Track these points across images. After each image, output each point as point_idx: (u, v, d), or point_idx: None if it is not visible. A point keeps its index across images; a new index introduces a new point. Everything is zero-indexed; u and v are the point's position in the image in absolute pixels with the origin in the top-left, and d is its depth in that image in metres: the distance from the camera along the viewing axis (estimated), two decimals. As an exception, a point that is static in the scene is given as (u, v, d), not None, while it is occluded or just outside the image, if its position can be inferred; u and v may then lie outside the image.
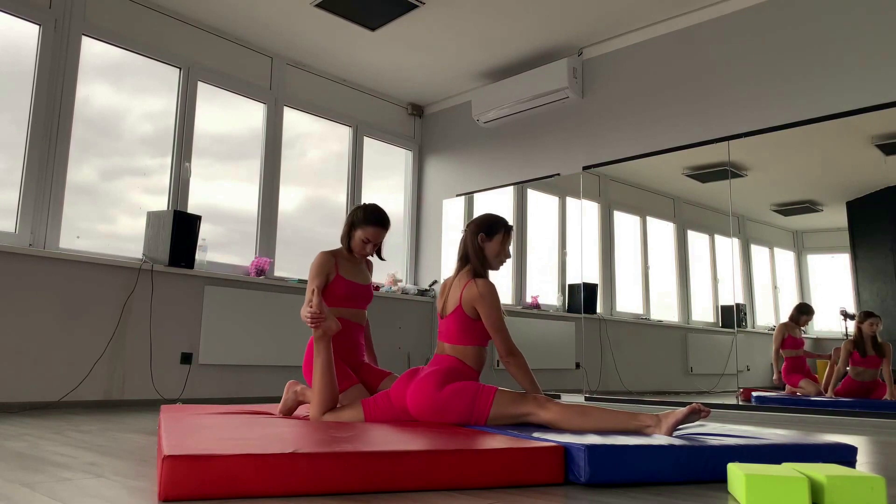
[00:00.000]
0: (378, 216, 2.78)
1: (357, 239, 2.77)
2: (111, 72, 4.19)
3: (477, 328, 2.40)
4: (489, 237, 2.49)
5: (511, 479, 1.64)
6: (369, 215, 2.76)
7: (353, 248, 2.80)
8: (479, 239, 2.48)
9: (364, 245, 2.78)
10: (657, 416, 2.05)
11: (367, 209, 2.78)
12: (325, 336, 2.43)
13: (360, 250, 2.79)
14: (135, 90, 4.29)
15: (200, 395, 4.07)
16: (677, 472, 1.74)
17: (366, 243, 2.77)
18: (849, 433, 3.16)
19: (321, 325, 2.41)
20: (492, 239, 2.49)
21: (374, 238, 2.76)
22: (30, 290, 3.52)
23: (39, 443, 2.21)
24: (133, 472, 1.70)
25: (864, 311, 3.38)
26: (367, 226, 2.75)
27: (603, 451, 1.66)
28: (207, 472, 1.37)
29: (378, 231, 2.77)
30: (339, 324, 2.48)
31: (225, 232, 4.64)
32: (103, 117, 4.15)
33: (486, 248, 2.48)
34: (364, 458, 1.51)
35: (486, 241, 2.48)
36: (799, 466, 1.57)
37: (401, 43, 4.71)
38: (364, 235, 2.75)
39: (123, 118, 4.23)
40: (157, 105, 4.37)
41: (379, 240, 2.79)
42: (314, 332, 2.44)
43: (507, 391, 2.24)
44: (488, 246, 2.48)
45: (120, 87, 4.23)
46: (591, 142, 4.66)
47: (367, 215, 2.76)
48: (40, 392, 3.50)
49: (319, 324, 2.41)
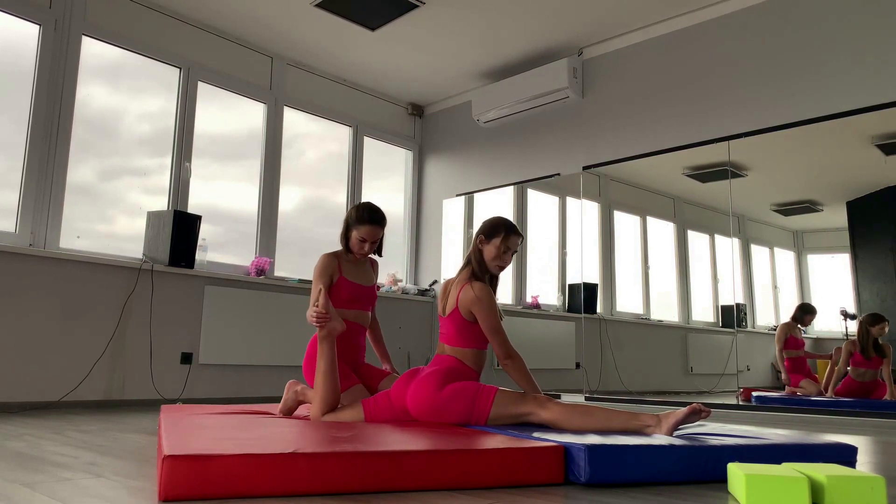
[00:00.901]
0: (371, 215, 2.76)
1: (354, 239, 2.77)
2: (110, 72, 4.19)
3: (475, 331, 2.39)
4: (488, 240, 2.47)
5: (511, 479, 1.64)
6: (363, 214, 2.76)
7: (352, 248, 2.80)
8: (478, 241, 2.48)
9: (361, 244, 2.77)
10: (657, 416, 2.05)
11: (361, 208, 2.78)
12: (330, 336, 2.44)
13: (358, 250, 2.78)
14: (134, 90, 4.29)
15: (200, 395, 4.07)
16: (678, 472, 1.74)
17: (363, 242, 2.76)
18: (849, 433, 3.16)
19: (326, 325, 2.42)
20: (489, 242, 2.46)
21: (369, 236, 2.76)
22: (30, 290, 3.52)
23: (39, 443, 2.21)
24: (133, 472, 1.70)
25: (872, 314, 3.36)
26: (361, 225, 2.75)
27: (603, 450, 1.66)
28: (208, 472, 1.37)
29: (373, 229, 2.76)
30: (344, 325, 2.48)
31: (224, 232, 4.64)
32: (102, 118, 4.15)
33: (483, 250, 2.47)
34: (364, 458, 1.51)
35: (484, 244, 2.47)
36: (799, 466, 1.57)
37: (401, 43, 4.71)
38: (360, 235, 2.75)
39: (122, 118, 4.24)
40: (156, 105, 4.37)
41: (375, 238, 2.78)
42: (318, 332, 2.44)
43: (508, 391, 2.24)
44: (486, 249, 2.46)
45: (118, 88, 4.23)
46: (591, 142, 4.66)
47: (360, 214, 2.76)
48: (40, 392, 3.50)
49: (325, 324, 2.41)
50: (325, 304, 2.42)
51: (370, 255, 2.88)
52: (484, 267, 2.46)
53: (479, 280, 2.41)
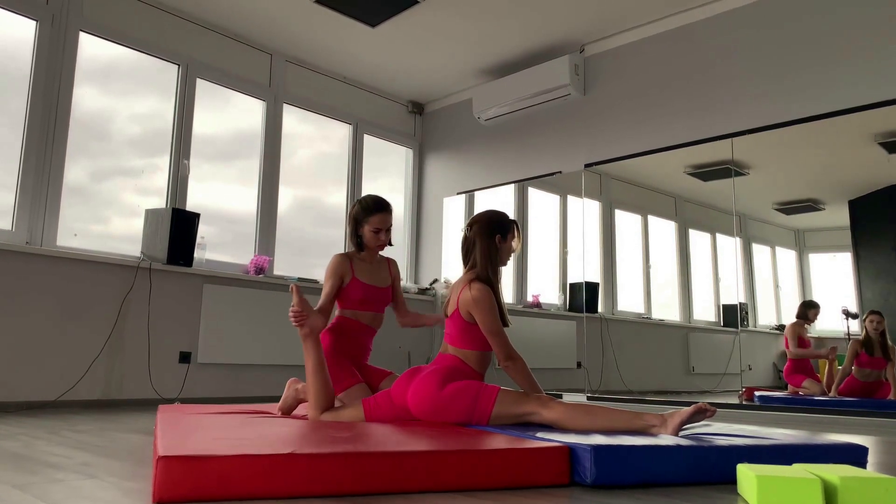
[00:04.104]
0: (378, 203, 2.74)
1: (368, 233, 2.72)
2: (106, 71, 4.15)
3: (476, 332, 2.35)
4: (505, 239, 2.43)
5: (515, 481, 1.60)
6: (369, 205, 2.73)
7: (368, 244, 2.74)
8: (496, 241, 2.42)
9: (377, 235, 2.72)
10: (662, 416, 2.01)
11: (365, 201, 2.75)
12: (312, 334, 2.39)
13: (375, 242, 2.73)
14: (130, 89, 4.25)
15: (199, 395, 4.04)
16: (685, 474, 1.70)
17: (377, 233, 2.72)
18: (854, 433, 3.13)
19: (305, 322, 2.37)
20: (506, 240, 2.43)
21: (382, 224, 2.72)
22: (27, 289, 3.48)
23: (34, 443, 2.17)
24: (128, 473, 1.67)
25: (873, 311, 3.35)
26: (370, 216, 2.71)
27: (609, 451, 1.62)
28: (203, 474, 1.33)
29: (384, 216, 2.73)
30: (324, 321, 2.44)
31: (221, 233, 4.60)
32: (97, 117, 4.11)
33: (502, 249, 2.43)
34: (364, 458, 1.48)
35: (502, 243, 2.43)
36: (810, 467, 1.53)
37: (401, 39, 4.68)
38: (372, 226, 2.71)
39: (117, 117, 4.19)
40: (153, 104, 4.33)
41: (388, 224, 2.74)
42: (300, 332, 2.39)
43: (510, 390, 2.20)
44: (504, 247, 2.43)
45: (114, 87, 4.19)
46: (593, 139, 4.63)
47: (367, 206, 2.73)
48: (37, 391, 3.46)
49: (304, 322, 2.36)
50: (299, 301, 2.35)
51: (387, 256, 2.86)
52: (497, 267, 2.42)
53: (488, 281, 2.36)
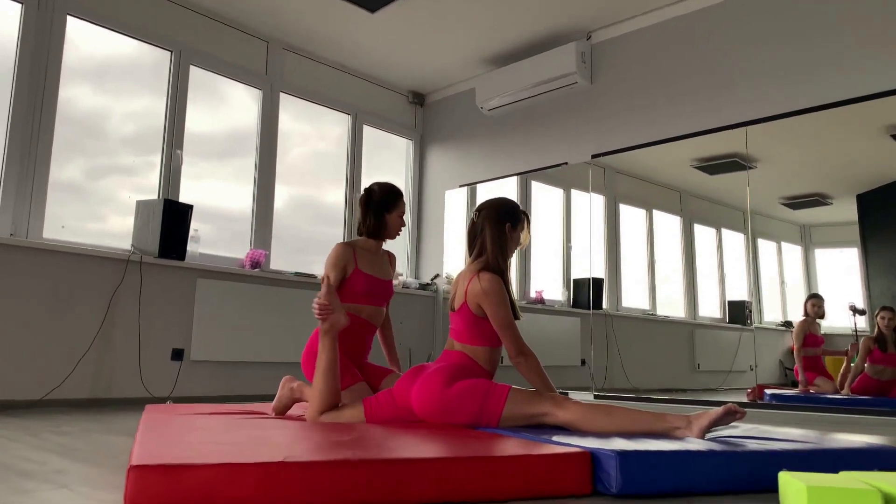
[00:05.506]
0: (399, 190, 2.75)
1: (395, 219, 2.70)
2: (100, 69, 3.99)
3: (485, 327, 2.20)
4: (514, 228, 2.31)
5: (532, 490, 1.45)
6: (395, 190, 2.72)
7: (392, 231, 2.72)
8: (506, 229, 2.29)
9: (400, 223, 2.73)
10: (687, 417, 1.86)
11: (388, 186, 2.72)
12: (332, 330, 2.25)
13: (397, 230, 2.73)
14: (126, 87, 4.09)
15: (192, 393, 3.89)
16: (718, 481, 1.55)
17: (401, 219, 2.73)
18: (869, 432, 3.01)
19: (329, 318, 2.23)
20: (516, 230, 2.31)
21: (404, 211, 2.75)
22: (10, 283, 3.32)
23: (10, 446, 2.02)
24: (103, 481, 1.51)
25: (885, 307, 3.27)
26: (398, 204, 2.70)
27: (637, 457, 1.47)
28: (182, 485, 1.17)
29: (404, 203, 2.75)
30: (347, 318, 2.30)
31: (215, 230, 4.45)
32: (92, 115, 3.95)
33: (512, 237, 2.30)
34: (365, 466, 1.32)
35: (511, 232, 2.30)
36: (861, 476, 1.38)
37: (401, 25, 4.52)
38: (399, 213, 2.71)
39: (112, 115, 4.04)
40: (148, 102, 4.17)
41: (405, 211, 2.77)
42: (321, 326, 2.26)
43: (522, 389, 2.05)
44: (513, 237, 2.31)
45: (109, 85, 4.03)
46: (600, 129, 4.49)
47: (394, 191, 2.71)
48: (21, 390, 3.31)
49: (327, 316, 2.23)
50: (327, 294, 2.23)
51: (386, 249, 2.81)
52: (507, 256, 2.29)
53: (497, 270, 2.22)
